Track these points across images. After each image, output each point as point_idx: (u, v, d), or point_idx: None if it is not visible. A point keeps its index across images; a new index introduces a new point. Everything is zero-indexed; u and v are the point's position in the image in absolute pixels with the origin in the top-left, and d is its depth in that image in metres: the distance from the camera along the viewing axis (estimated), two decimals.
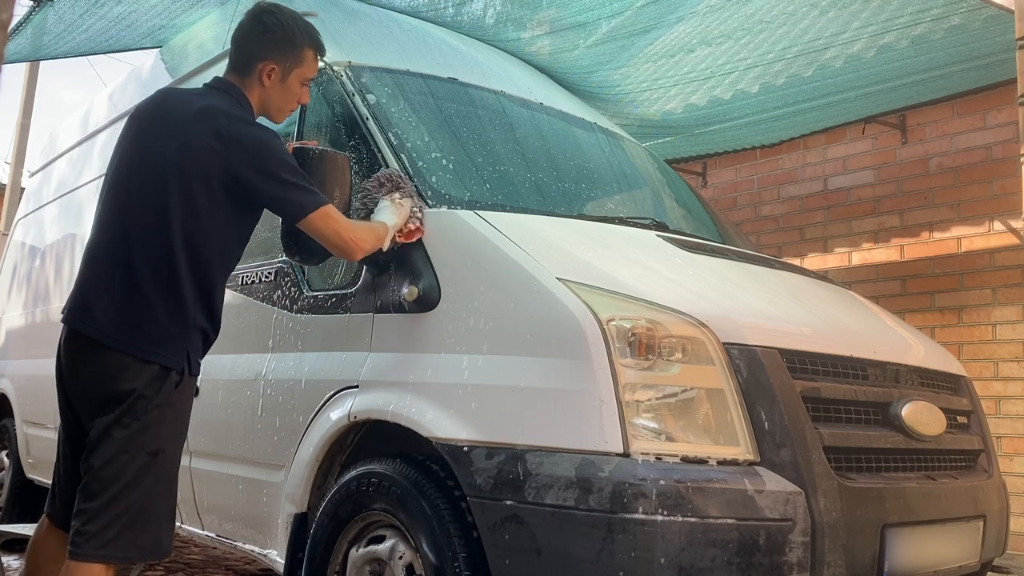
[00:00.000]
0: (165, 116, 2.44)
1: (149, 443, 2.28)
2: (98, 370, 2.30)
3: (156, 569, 4.73)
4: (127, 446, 2.25)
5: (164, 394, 2.31)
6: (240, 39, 2.54)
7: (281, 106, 2.59)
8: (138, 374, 2.28)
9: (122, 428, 2.26)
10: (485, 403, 2.27)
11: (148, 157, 2.40)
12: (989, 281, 5.27)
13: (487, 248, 2.45)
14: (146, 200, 2.36)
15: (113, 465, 2.24)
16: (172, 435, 2.37)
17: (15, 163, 10.24)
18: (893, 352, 2.68)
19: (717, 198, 6.68)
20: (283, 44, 2.50)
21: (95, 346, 2.31)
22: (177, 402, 2.37)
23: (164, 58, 4.55)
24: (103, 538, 2.20)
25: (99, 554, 2.20)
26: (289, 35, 2.51)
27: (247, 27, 2.53)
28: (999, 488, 2.88)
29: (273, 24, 2.50)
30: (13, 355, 5.65)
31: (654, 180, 3.96)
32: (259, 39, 2.51)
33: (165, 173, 2.34)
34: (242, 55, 2.52)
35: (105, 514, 2.21)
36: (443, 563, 2.24)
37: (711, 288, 2.50)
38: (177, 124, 2.38)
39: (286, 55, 2.51)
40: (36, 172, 6.43)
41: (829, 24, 4.50)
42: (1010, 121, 5.12)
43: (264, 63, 2.50)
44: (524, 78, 4.13)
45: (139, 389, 2.27)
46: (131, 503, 2.24)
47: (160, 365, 2.30)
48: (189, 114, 2.37)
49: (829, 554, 2.11)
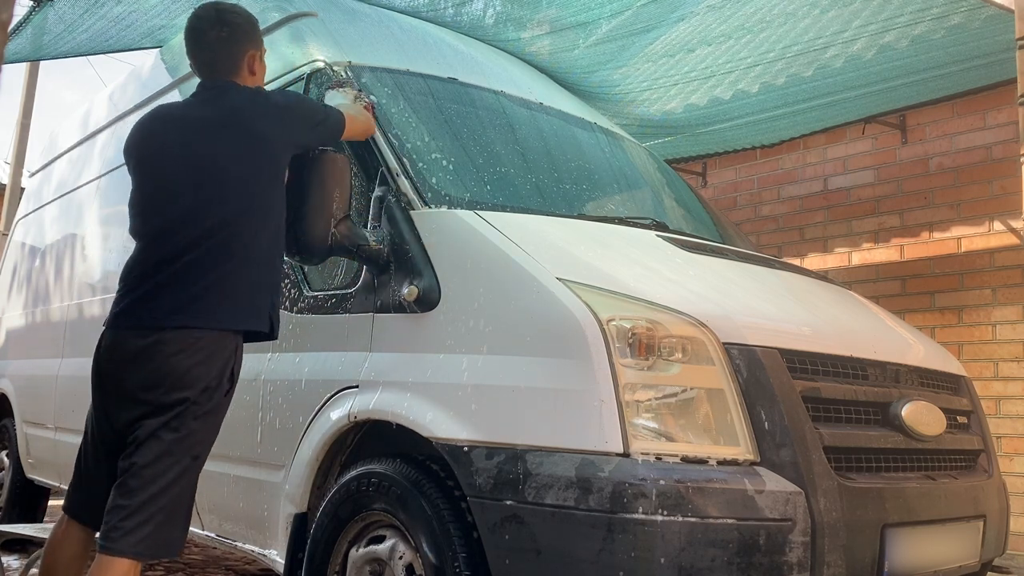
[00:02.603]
0: (192, 124, 2.48)
1: (193, 447, 2.37)
2: (154, 373, 2.35)
3: (156, 569, 4.73)
4: (173, 448, 2.33)
5: (215, 401, 2.40)
6: (213, 48, 2.54)
7: (263, 86, 2.69)
8: (195, 380, 2.35)
9: (171, 431, 2.33)
10: (485, 403, 2.27)
11: (193, 162, 2.43)
12: (989, 281, 5.27)
13: (487, 248, 2.45)
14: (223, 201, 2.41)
15: (157, 465, 2.31)
16: (210, 440, 2.46)
17: (15, 163, 10.23)
18: (893, 352, 2.68)
19: (717, 198, 6.68)
20: (251, 31, 2.60)
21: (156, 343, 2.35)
22: (223, 408, 2.47)
23: (164, 58, 4.55)
24: (139, 534, 2.27)
25: (133, 550, 2.27)
26: (251, 20, 2.61)
27: (214, 36, 2.53)
28: (999, 488, 2.88)
29: (234, 13, 2.58)
30: (13, 355, 5.65)
31: (654, 180, 3.95)
32: (232, 39, 2.55)
33: (224, 171, 2.41)
34: (224, 59, 2.55)
35: (143, 511, 2.28)
36: (443, 563, 2.24)
37: (711, 288, 2.49)
38: (214, 128, 2.44)
39: (256, 38, 2.62)
40: (36, 172, 6.43)
41: (829, 24, 4.50)
42: (1010, 121, 5.12)
43: (247, 53, 2.57)
44: (524, 78, 4.13)
45: (193, 396, 2.34)
46: (166, 503, 2.32)
47: (217, 369, 2.38)
48: (223, 115, 2.46)
49: (829, 554, 2.11)
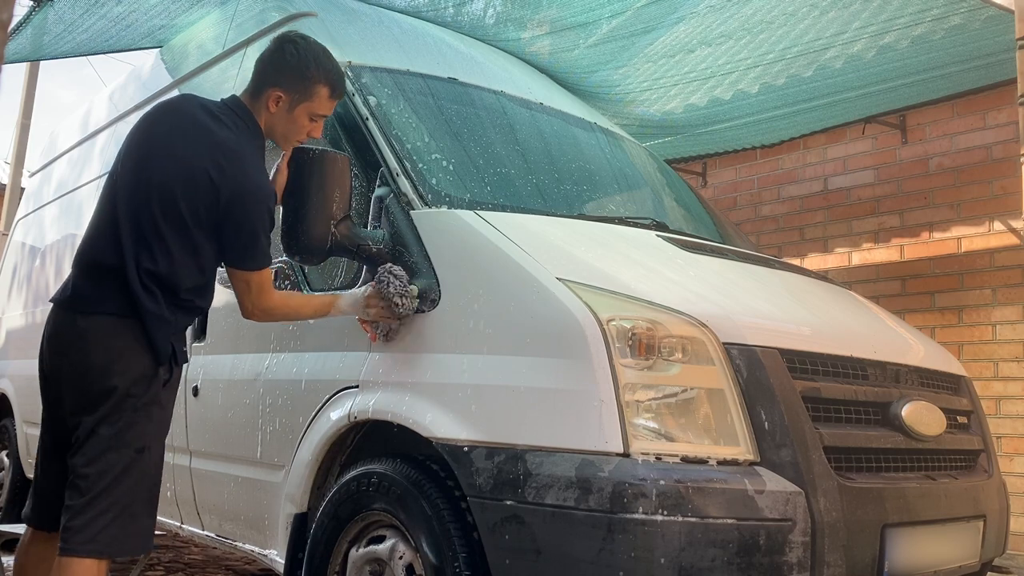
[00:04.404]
0: (187, 129, 2.46)
1: (136, 440, 2.34)
2: (86, 363, 2.34)
3: (156, 569, 4.73)
4: (114, 443, 2.31)
5: (152, 392, 2.37)
6: (259, 62, 2.57)
7: (286, 135, 2.59)
8: (127, 367, 2.33)
9: (108, 425, 2.31)
10: (485, 403, 2.27)
11: (162, 163, 2.43)
12: (989, 281, 5.27)
13: (487, 248, 2.45)
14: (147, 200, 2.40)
15: (99, 463, 2.30)
16: (157, 432, 2.42)
17: (15, 163, 10.23)
18: (893, 352, 2.68)
19: (717, 198, 6.68)
20: (294, 75, 2.51)
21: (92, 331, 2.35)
22: (163, 399, 2.42)
23: (164, 58, 4.55)
24: (90, 533, 2.27)
25: (87, 549, 2.26)
26: (303, 68, 2.51)
27: (268, 52, 2.56)
28: (999, 488, 2.88)
29: (291, 54, 2.53)
30: (13, 355, 5.65)
31: (654, 180, 3.96)
32: (274, 66, 2.54)
33: (169, 181, 2.39)
34: (257, 78, 2.55)
35: (92, 509, 2.28)
36: (443, 563, 2.24)
37: (711, 288, 2.49)
38: (189, 145, 2.42)
39: (295, 87, 2.52)
40: (36, 172, 6.43)
41: (829, 24, 4.50)
42: (1010, 121, 5.12)
43: (272, 90, 2.52)
44: (524, 78, 4.13)
45: (126, 387, 2.32)
46: (117, 499, 2.30)
47: (149, 357, 2.35)
48: (206, 141, 2.42)
49: (829, 554, 2.11)
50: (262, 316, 2.57)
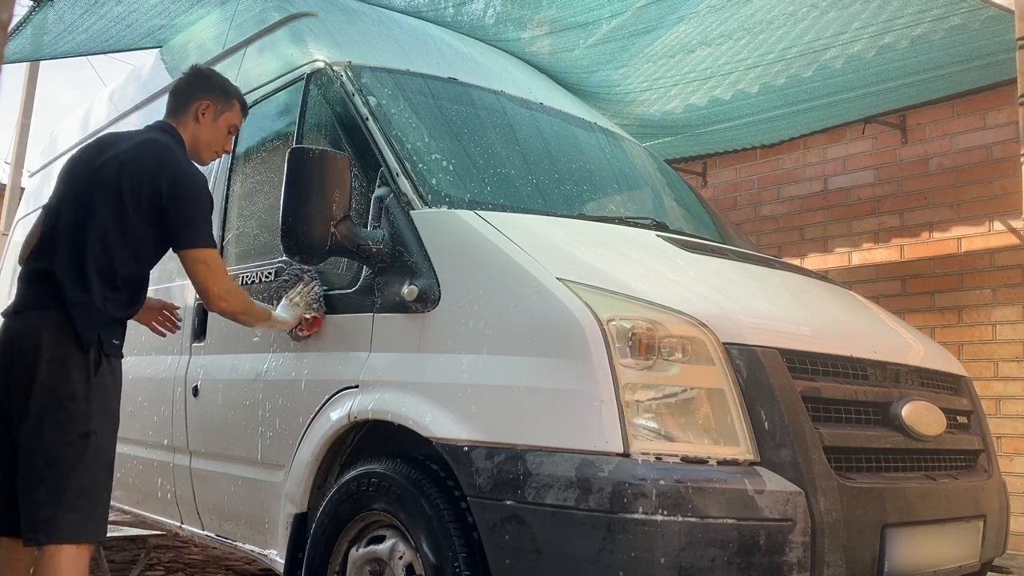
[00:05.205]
0: (107, 148, 2.69)
1: (80, 425, 2.42)
2: (22, 359, 2.45)
3: (156, 569, 4.73)
4: (56, 432, 2.40)
5: (84, 377, 2.45)
6: (180, 87, 2.89)
7: (210, 144, 2.87)
8: (53, 355, 2.42)
9: (50, 416, 2.40)
10: (485, 403, 2.27)
11: (88, 176, 2.64)
12: (989, 281, 5.27)
13: (487, 248, 2.45)
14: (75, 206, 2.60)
15: (47, 452, 2.38)
16: (100, 417, 2.48)
17: (15, 163, 10.22)
18: (893, 352, 2.68)
19: (717, 198, 6.68)
20: (219, 89, 2.88)
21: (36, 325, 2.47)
22: (104, 383, 2.50)
23: (164, 58, 4.55)
24: (62, 521, 2.34)
25: (47, 537, 2.34)
26: (225, 83, 2.92)
27: (188, 77, 2.91)
28: (999, 488, 2.88)
29: (211, 74, 2.95)
30: None
31: (654, 180, 3.96)
32: (200, 84, 2.88)
33: (100, 184, 2.59)
34: (180, 99, 2.86)
35: (53, 497, 2.35)
36: (443, 563, 2.24)
37: (711, 288, 2.49)
38: (120, 151, 2.65)
39: (220, 97, 2.87)
40: (36, 172, 6.43)
41: (829, 24, 4.50)
42: (1010, 121, 5.11)
43: (200, 101, 2.83)
44: (524, 78, 4.13)
45: (55, 374, 2.41)
46: (68, 485, 2.37)
47: (75, 345, 2.45)
48: (133, 143, 2.67)
49: (829, 554, 2.11)
50: (227, 298, 2.72)
